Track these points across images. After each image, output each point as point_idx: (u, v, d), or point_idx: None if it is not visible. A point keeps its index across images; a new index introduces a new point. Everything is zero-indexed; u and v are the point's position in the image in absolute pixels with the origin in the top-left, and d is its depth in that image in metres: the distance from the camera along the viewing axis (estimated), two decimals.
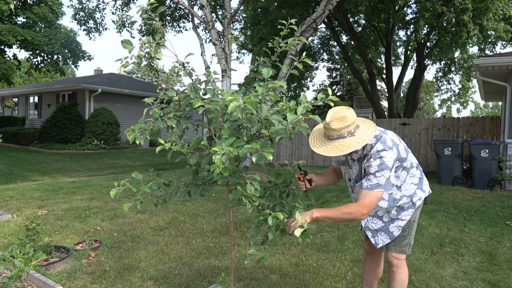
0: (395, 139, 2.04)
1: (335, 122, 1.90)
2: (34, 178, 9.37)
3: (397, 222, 2.16)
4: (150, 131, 1.92)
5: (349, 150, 1.89)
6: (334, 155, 1.91)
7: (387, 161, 1.93)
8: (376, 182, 1.93)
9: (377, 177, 1.93)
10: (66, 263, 3.38)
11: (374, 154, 1.95)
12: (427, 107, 43.09)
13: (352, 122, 1.91)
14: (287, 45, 2.05)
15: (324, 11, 8.41)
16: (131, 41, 1.86)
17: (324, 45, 22.02)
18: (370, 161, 1.96)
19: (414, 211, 2.17)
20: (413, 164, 2.14)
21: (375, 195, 1.94)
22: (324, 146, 1.96)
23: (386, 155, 1.94)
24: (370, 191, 1.94)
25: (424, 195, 2.18)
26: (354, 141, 1.91)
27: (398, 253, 2.21)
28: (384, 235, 2.19)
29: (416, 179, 2.16)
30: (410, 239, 2.21)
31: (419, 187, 2.16)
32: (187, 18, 15.48)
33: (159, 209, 5.50)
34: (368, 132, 1.95)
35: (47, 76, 36.68)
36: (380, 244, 2.20)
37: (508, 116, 7.95)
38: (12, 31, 15.87)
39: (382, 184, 1.94)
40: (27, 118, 21.37)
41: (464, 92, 24.41)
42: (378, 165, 1.93)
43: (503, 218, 5.18)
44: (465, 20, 11.49)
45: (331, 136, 1.94)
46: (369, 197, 1.93)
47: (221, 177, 1.84)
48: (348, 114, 1.91)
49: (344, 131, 1.91)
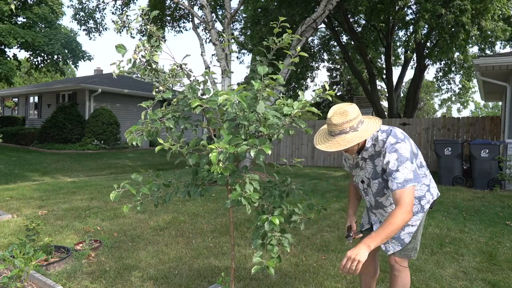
0: (405, 134, 2.00)
1: (336, 117, 1.88)
2: (34, 178, 9.38)
3: (408, 228, 2.07)
4: (148, 132, 1.93)
5: (350, 145, 1.86)
6: (334, 149, 1.87)
7: (403, 153, 1.87)
8: (404, 178, 1.83)
9: (401, 171, 1.84)
10: (66, 263, 3.38)
11: (389, 148, 1.90)
12: (427, 107, 43.08)
13: (354, 117, 1.88)
14: (282, 43, 2.04)
15: (324, 11, 8.41)
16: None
17: (324, 45, 22.01)
18: (387, 156, 1.89)
19: (423, 215, 2.09)
20: (422, 163, 2.08)
21: (409, 190, 1.83)
22: (326, 143, 1.94)
23: (401, 146, 1.88)
24: (402, 189, 1.83)
25: (432, 198, 2.11)
26: (356, 136, 1.88)
27: (402, 258, 2.11)
28: (396, 242, 2.10)
29: (428, 179, 2.09)
30: (416, 243, 2.12)
31: (428, 189, 2.09)
32: (187, 18, 15.48)
33: (159, 209, 5.50)
34: (372, 127, 1.91)
35: (47, 76, 36.68)
36: (390, 251, 2.11)
37: (508, 116, 7.95)
38: (13, 32, 15.87)
39: (410, 177, 1.84)
40: (27, 118, 21.37)
41: (465, 92, 24.41)
42: (396, 159, 1.86)
43: (503, 218, 5.18)
44: (464, 21, 11.49)
45: (334, 132, 1.92)
46: (405, 196, 1.83)
47: (221, 177, 1.84)
48: (350, 109, 1.88)
49: (345, 126, 1.88)
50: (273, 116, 1.78)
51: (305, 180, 8.86)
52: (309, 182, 8.57)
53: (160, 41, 1.94)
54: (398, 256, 2.11)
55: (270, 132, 1.82)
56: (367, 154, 2.05)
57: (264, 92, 1.86)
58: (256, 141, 1.72)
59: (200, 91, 2.05)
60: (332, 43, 21.68)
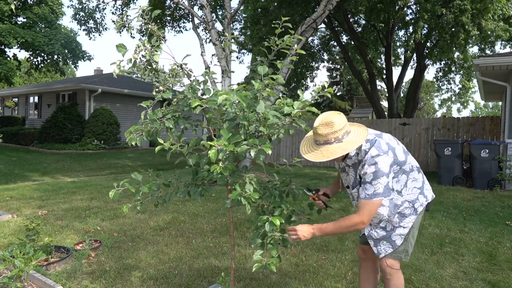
0: (391, 143, 1.98)
1: (322, 127, 1.88)
2: (34, 178, 9.38)
3: (399, 230, 2.08)
4: (147, 132, 1.93)
5: (333, 157, 1.87)
6: (318, 160, 1.88)
7: (382, 167, 1.88)
8: (373, 191, 1.88)
9: (374, 185, 1.88)
10: (66, 263, 3.38)
11: (369, 160, 1.90)
12: (427, 107, 43.08)
13: (339, 129, 1.88)
14: (283, 43, 2.05)
15: (324, 11, 8.41)
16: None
17: (324, 45, 22.01)
18: (365, 167, 1.91)
19: (416, 218, 2.09)
20: (413, 167, 2.07)
21: (374, 203, 1.90)
22: (311, 153, 1.95)
23: (381, 160, 1.88)
24: (369, 200, 1.89)
25: (426, 200, 2.10)
26: (340, 148, 1.88)
27: (393, 260, 2.11)
28: (387, 244, 2.11)
29: (419, 182, 2.09)
30: (407, 245, 2.11)
31: (421, 192, 2.09)
32: (187, 18, 15.48)
33: (159, 209, 5.50)
34: (357, 139, 1.91)
35: (47, 76, 36.68)
36: (382, 253, 2.12)
37: (508, 116, 7.95)
38: (13, 32, 15.87)
39: (380, 192, 1.88)
40: (27, 118, 21.37)
41: (465, 92, 24.39)
42: (373, 172, 1.88)
43: (503, 218, 5.18)
44: (464, 21, 11.49)
45: (318, 141, 1.92)
46: (368, 207, 1.90)
47: (221, 177, 1.84)
48: (336, 120, 1.88)
49: (330, 137, 1.88)
50: (273, 116, 1.78)
51: (305, 180, 8.86)
52: (309, 182, 8.57)
53: (160, 40, 1.94)
54: (389, 258, 2.11)
55: (270, 132, 1.82)
56: (350, 162, 2.06)
57: (264, 92, 1.86)
58: (256, 141, 1.72)
59: (200, 91, 2.05)
60: (332, 43, 21.67)
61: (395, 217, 2.06)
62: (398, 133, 11.50)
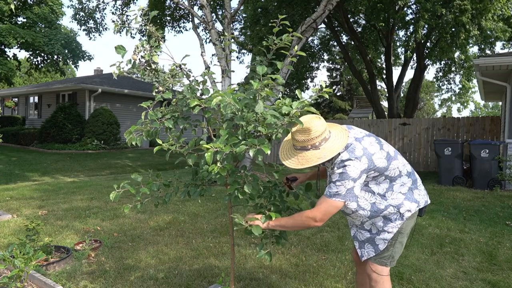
0: (371, 148, 1.90)
1: (299, 134, 1.86)
2: (34, 178, 9.38)
3: (383, 234, 2.01)
4: (147, 132, 1.93)
5: (308, 165, 1.84)
6: (295, 167, 1.87)
7: (350, 171, 1.82)
8: (336, 191, 1.85)
9: (337, 186, 1.85)
10: (66, 263, 3.38)
11: (338, 163, 1.87)
12: (427, 107, 43.09)
13: (317, 136, 1.84)
14: (281, 42, 2.04)
15: (324, 11, 8.41)
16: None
17: (324, 45, 22.00)
18: (334, 169, 1.88)
19: (402, 223, 1.99)
20: (402, 172, 1.98)
21: (332, 204, 1.86)
22: (289, 159, 1.93)
23: (351, 164, 1.83)
24: (328, 198, 1.87)
25: (416, 206, 1.99)
26: (315, 156, 1.85)
27: (378, 265, 2.04)
28: (370, 247, 2.06)
29: (406, 188, 1.99)
30: (394, 251, 2.03)
31: (407, 197, 1.98)
32: (187, 18, 15.47)
33: (159, 209, 5.50)
34: (334, 147, 1.86)
35: (47, 76, 36.69)
36: (365, 256, 2.08)
37: (508, 116, 7.95)
38: (13, 32, 15.88)
39: (341, 194, 1.84)
40: (27, 118, 21.38)
41: (465, 92, 24.38)
42: (339, 173, 1.84)
43: (503, 218, 5.18)
44: (464, 21, 11.49)
45: (296, 146, 1.91)
46: (325, 205, 1.87)
47: (220, 177, 1.85)
48: (314, 127, 1.84)
49: (307, 143, 1.85)
50: (271, 115, 1.78)
51: None
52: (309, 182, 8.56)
53: (159, 41, 1.94)
54: (373, 262, 2.05)
55: (268, 131, 1.82)
56: (328, 164, 2.03)
57: (262, 92, 1.86)
58: (255, 140, 1.72)
59: (199, 91, 2.05)
60: (332, 43, 21.66)
61: (380, 221, 2.00)
62: (398, 133, 11.50)
